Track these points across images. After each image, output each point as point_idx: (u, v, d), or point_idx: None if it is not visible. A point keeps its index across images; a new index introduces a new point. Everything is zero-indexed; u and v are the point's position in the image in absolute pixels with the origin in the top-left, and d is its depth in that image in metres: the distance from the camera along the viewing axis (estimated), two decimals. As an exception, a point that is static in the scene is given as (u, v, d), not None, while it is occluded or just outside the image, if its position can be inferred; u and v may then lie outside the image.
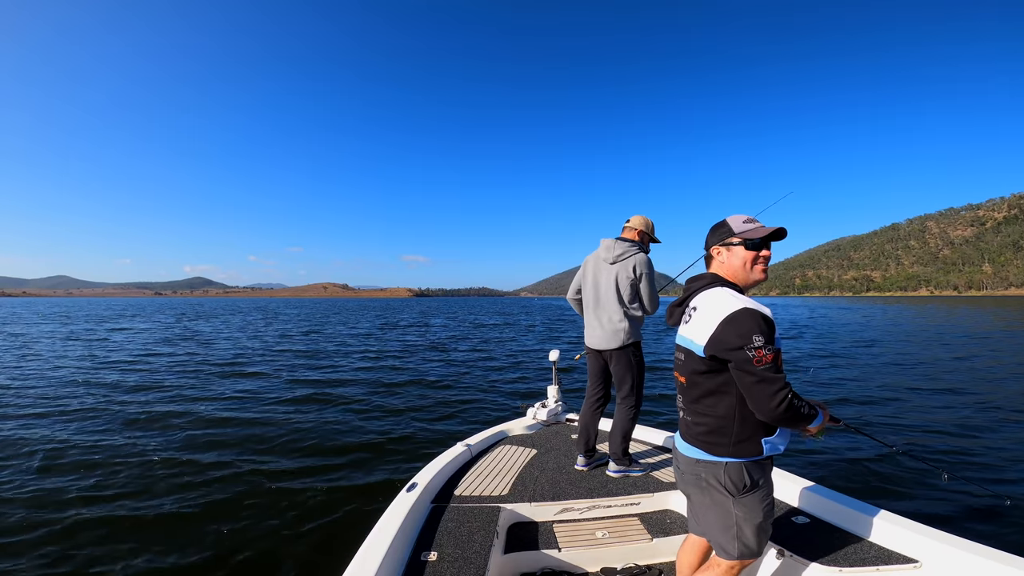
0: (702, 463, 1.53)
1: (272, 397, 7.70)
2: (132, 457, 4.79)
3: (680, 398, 1.64)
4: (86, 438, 5.40)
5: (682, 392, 1.62)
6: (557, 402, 4.11)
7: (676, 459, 1.70)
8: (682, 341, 1.58)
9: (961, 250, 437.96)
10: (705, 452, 1.52)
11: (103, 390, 8.19)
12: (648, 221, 3.03)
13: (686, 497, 1.71)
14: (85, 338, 18.28)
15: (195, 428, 5.88)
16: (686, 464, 1.61)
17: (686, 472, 1.62)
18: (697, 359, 1.48)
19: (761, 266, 1.56)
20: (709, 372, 1.47)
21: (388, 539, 1.94)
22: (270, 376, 9.81)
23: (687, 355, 1.54)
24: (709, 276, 1.60)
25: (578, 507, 2.54)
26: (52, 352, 13.77)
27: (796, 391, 1.40)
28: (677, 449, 1.68)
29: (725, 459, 1.49)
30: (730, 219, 1.59)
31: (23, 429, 5.77)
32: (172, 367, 10.99)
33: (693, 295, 1.61)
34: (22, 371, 10.27)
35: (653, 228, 3.04)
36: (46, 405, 7.03)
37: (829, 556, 1.93)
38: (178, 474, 4.36)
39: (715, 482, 1.51)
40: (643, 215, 3.04)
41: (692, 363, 1.52)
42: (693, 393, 1.54)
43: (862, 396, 7.72)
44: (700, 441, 1.53)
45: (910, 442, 5.39)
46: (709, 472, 1.52)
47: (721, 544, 1.57)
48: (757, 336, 1.34)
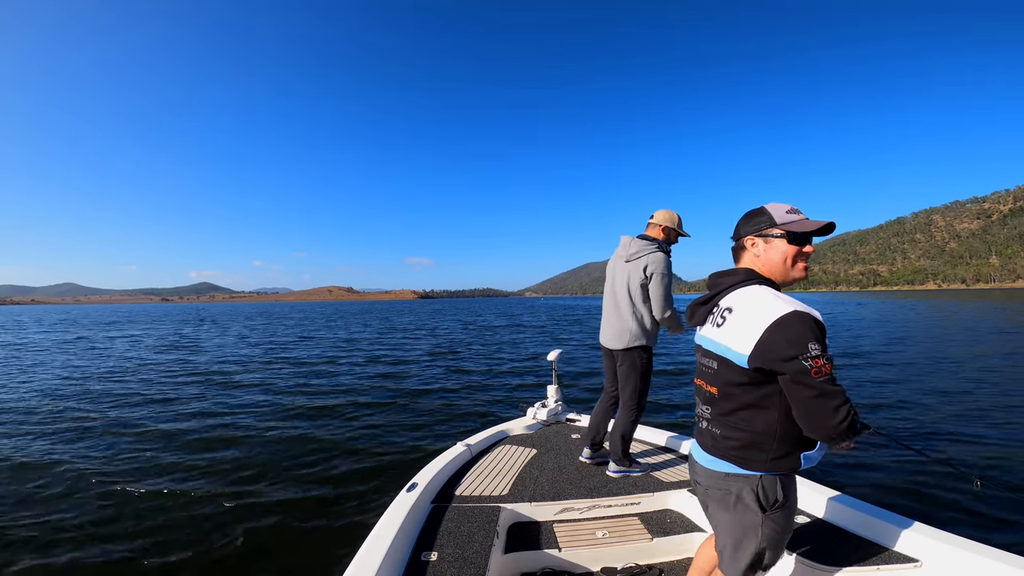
0: (732, 476, 1.35)
1: (272, 399, 7.75)
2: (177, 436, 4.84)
3: (706, 409, 1.42)
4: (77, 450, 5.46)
5: (709, 403, 1.40)
6: (557, 402, 4.11)
7: (694, 471, 1.50)
8: (713, 347, 1.37)
9: (968, 243, 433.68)
10: (736, 466, 1.34)
11: (84, 402, 8.24)
12: (672, 215, 2.85)
13: (703, 507, 1.53)
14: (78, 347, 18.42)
15: (201, 429, 5.94)
16: (709, 478, 1.41)
17: (709, 487, 1.42)
18: (736, 369, 1.28)
19: (803, 263, 1.36)
20: (750, 384, 1.27)
21: (388, 539, 1.95)
22: (270, 379, 9.87)
23: (722, 363, 1.32)
24: (743, 271, 1.38)
25: (578, 507, 2.55)
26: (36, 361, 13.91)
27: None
28: (697, 461, 1.47)
29: (759, 473, 1.32)
30: (770, 207, 1.37)
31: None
32: (171, 374, 11.08)
33: (723, 293, 1.38)
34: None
35: (679, 223, 2.86)
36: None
37: (829, 556, 1.92)
38: (179, 464, 4.41)
39: (746, 498, 1.33)
40: (668, 209, 2.87)
41: (729, 373, 1.30)
42: (726, 406, 1.34)
43: (899, 400, 7.16)
44: (731, 455, 1.34)
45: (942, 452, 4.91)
46: (739, 487, 1.34)
47: (733, 558, 1.40)
48: (813, 344, 1.15)
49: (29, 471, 4.62)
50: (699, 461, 1.46)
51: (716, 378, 1.35)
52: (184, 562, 3.07)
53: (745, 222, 1.42)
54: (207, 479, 4.34)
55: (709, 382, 1.39)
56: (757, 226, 1.38)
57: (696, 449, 1.50)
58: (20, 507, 3.84)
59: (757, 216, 1.39)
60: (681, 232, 2.88)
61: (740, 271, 1.39)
